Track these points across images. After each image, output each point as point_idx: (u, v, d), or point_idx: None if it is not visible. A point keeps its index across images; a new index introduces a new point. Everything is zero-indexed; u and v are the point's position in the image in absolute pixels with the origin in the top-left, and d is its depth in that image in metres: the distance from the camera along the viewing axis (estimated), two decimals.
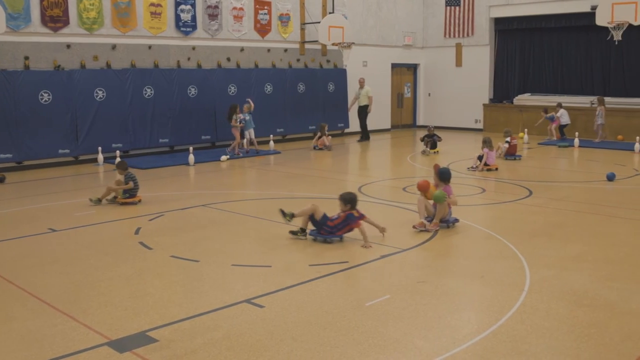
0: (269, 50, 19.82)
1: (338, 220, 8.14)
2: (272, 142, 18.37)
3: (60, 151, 15.19)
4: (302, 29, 20.72)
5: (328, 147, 18.08)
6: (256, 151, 17.15)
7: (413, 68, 25.66)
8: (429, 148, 17.19)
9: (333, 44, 19.39)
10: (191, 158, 15.21)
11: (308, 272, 6.89)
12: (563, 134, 20.12)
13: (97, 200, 10.65)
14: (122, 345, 5.03)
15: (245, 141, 17.15)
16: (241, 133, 17.13)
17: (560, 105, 20.33)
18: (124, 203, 10.57)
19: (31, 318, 5.64)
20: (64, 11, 15.20)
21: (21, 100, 14.42)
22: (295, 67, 20.61)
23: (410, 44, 24.77)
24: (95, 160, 15.45)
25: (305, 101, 20.68)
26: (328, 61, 21.79)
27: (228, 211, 10.10)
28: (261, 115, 18.36)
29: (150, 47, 16.90)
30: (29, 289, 6.40)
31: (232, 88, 18.50)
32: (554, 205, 10.47)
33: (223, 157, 16.00)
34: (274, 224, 8.47)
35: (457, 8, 24.14)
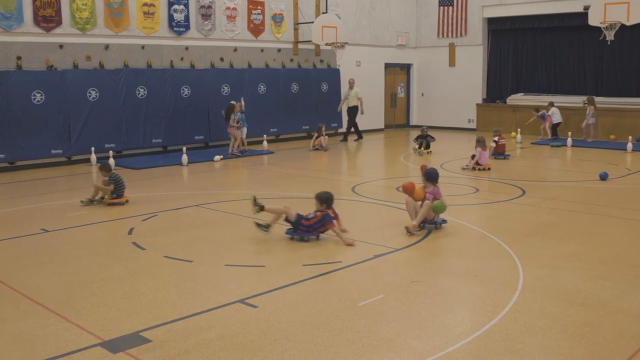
0: (263, 50, 19.81)
1: (314, 219, 8.19)
2: (266, 142, 18.35)
3: (53, 151, 15.14)
4: (296, 29, 20.72)
5: (324, 148, 18.06)
6: (244, 150, 17.10)
7: (406, 68, 25.69)
8: (423, 148, 17.17)
9: (326, 44, 19.39)
10: (184, 158, 15.18)
11: (302, 272, 6.89)
12: (556, 134, 20.17)
13: (88, 201, 10.62)
14: (115, 345, 5.02)
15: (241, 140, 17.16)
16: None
17: (552, 103, 20.39)
18: (111, 204, 10.54)
19: (24, 319, 5.62)
20: (57, 11, 15.16)
21: (14, 100, 14.36)
22: (288, 67, 20.60)
23: (403, 44, 24.79)
24: (88, 160, 15.41)
25: (298, 101, 20.67)
26: (321, 61, 21.80)
27: (221, 211, 10.09)
28: (255, 115, 18.35)
29: (143, 47, 16.86)
30: (22, 290, 6.37)
31: (226, 88, 18.48)
32: (547, 204, 10.50)
33: (216, 157, 15.97)
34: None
35: (451, 8, 24.18)
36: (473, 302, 6.07)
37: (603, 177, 12.63)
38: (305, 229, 8.18)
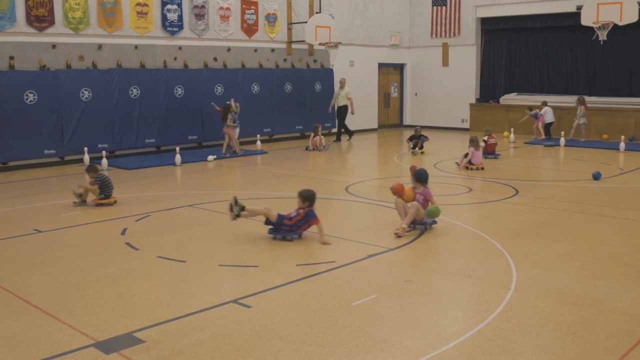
0: (256, 50, 19.80)
1: (297, 217, 8.23)
2: (259, 142, 18.33)
3: (45, 152, 15.10)
4: (289, 29, 20.71)
5: (320, 148, 18.03)
6: (236, 152, 17.08)
7: (400, 68, 25.71)
8: (417, 148, 17.13)
9: (320, 44, 19.40)
10: (178, 158, 15.16)
11: (295, 272, 6.89)
12: (549, 133, 20.23)
13: (79, 195, 10.57)
14: (109, 346, 5.01)
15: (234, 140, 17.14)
16: None
17: (545, 103, 20.45)
18: (99, 204, 10.51)
19: (16, 320, 5.60)
20: (50, 11, 15.11)
21: (6, 100, 14.30)
22: (282, 67, 20.59)
23: (397, 44, 24.81)
24: (81, 160, 15.34)
25: (292, 101, 20.67)
26: (315, 61, 21.80)
27: (215, 211, 10.07)
28: (248, 115, 18.34)
29: (136, 47, 16.83)
30: (14, 291, 6.35)
31: (219, 88, 18.46)
32: (541, 204, 10.52)
33: (210, 157, 15.95)
34: (261, 224, 8.45)
35: (444, 8, 24.21)
36: (466, 302, 6.08)
37: (596, 177, 12.68)
38: (288, 229, 8.21)
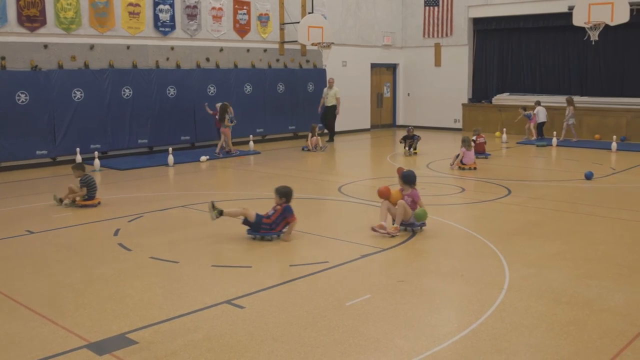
0: (249, 50, 19.78)
1: (275, 215, 8.27)
2: (252, 143, 18.31)
3: (37, 152, 15.04)
4: (282, 29, 20.70)
5: (321, 148, 18.00)
6: (230, 151, 17.07)
7: (392, 68, 25.73)
8: (412, 149, 17.07)
9: (312, 44, 19.38)
10: (170, 159, 15.13)
11: (289, 273, 6.89)
12: (541, 133, 20.28)
13: (60, 200, 10.55)
14: (102, 347, 4.99)
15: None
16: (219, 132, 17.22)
17: (538, 102, 20.50)
18: (83, 205, 10.47)
19: (8, 321, 5.57)
20: (41, 11, 15.05)
21: None
22: (274, 67, 20.58)
23: (389, 44, 24.83)
24: (73, 161, 15.24)
25: (285, 101, 20.66)
26: (307, 61, 21.79)
27: (208, 212, 10.02)
28: (241, 115, 18.31)
29: (128, 47, 16.78)
30: (6, 292, 6.32)
31: (212, 88, 18.44)
32: (533, 204, 10.55)
33: (203, 158, 15.93)
34: None
35: (436, 8, 24.24)
36: (459, 302, 6.09)
37: (588, 177, 12.72)
38: (268, 227, 8.24)
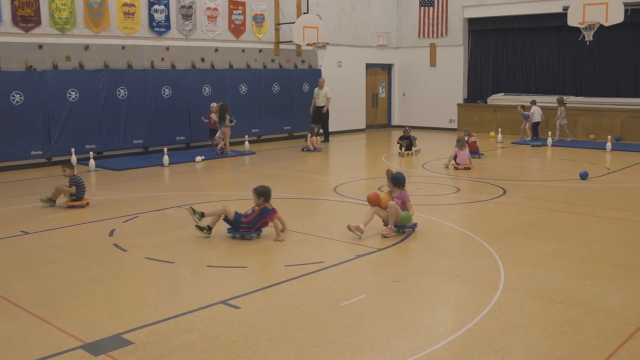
0: (244, 50, 19.77)
1: (253, 214, 8.29)
2: (247, 143, 18.31)
3: (32, 153, 15.01)
4: (277, 29, 20.69)
5: (318, 149, 18.01)
6: (225, 151, 17.07)
7: (387, 68, 25.75)
8: (413, 149, 17.02)
9: (307, 44, 19.38)
10: (165, 159, 15.11)
11: (284, 273, 6.88)
12: (536, 133, 20.32)
13: (48, 199, 10.53)
14: (97, 348, 4.98)
15: (219, 139, 17.13)
16: (216, 132, 17.23)
17: (534, 102, 20.53)
18: (71, 206, 10.45)
19: (3, 322, 5.56)
20: (36, 11, 15.02)
21: None
22: (269, 68, 20.57)
23: (384, 44, 24.85)
24: (68, 161, 15.22)
25: (280, 101, 20.66)
26: (303, 61, 21.79)
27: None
28: (236, 116, 18.26)
29: (123, 48, 16.76)
30: (1, 293, 6.30)
31: (207, 89, 18.42)
32: (528, 204, 10.57)
33: (198, 158, 15.92)
34: None
35: (431, 8, 24.27)
36: (455, 302, 6.10)
37: (583, 177, 12.75)
38: (246, 226, 8.27)
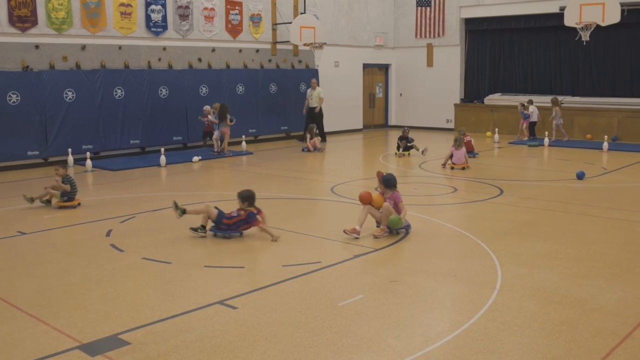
0: (241, 50, 19.76)
1: (238, 218, 8.31)
2: (245, 143, 18.30)
3: (29, 153, 14.98)
4: (274, 30, 20.69)
5: (318, 149, 18.00)
6: (218, 152, 17.07)
7: (385, 68, 25.76)
8: (415, 150, 16.96)
9: (305, 45, 19.37)
10: (162, 159, 15.09)
11: (281, 273, 6.88)
12: (533, 133, 20.34)
13: (31, 199, 10.52)
14: (94, 348, 4.98)
15: (215, 141, 17.14)
16: (211, 133, 17.25)
17: (531, 102, 20.54)
18: (62, 207, 10.43)
19: (0, 322, 5.55)
20: (32, 11, 14.99)
21: None
22: (267, 68, 20.56)
23: (381, 44, 24.86)
24: (65, 162, 15.22)
25: (277, 102, 20.65)
26: (300, 61, 21.79)
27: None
28: (233, 116, 18.25)
29: (120, 48, 16.74)
30: None
31: (204, 89, 18.41)
32: (525, 203, 10.58)
33: (195, 158, 15.91)
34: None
35: (428, 9, 24.28)
36: (452, 302, 6.10)
37: (580, 176, 12.76)
38: (226, 227, 8.31)
